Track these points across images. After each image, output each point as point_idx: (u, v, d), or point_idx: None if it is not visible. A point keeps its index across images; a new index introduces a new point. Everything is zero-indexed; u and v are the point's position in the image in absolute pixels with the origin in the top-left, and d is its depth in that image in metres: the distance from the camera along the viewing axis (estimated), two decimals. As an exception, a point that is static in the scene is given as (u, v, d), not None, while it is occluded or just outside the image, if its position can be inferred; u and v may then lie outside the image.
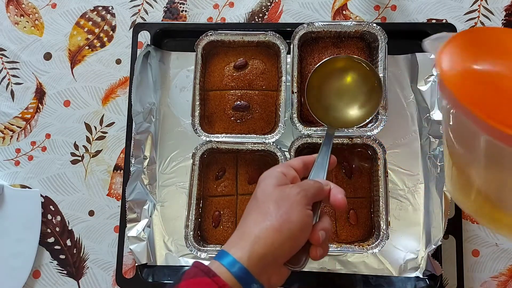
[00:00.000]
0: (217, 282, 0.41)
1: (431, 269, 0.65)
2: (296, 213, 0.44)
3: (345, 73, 0.64)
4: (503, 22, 0.76)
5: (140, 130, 0.72)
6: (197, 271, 0.42)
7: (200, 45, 0.71)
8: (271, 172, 0.49)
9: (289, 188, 0.47)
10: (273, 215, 0.44)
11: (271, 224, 0.43)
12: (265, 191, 0.47)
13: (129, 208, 0.69)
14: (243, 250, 0.43)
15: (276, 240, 0.43)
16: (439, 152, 0.68)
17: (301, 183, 0.49)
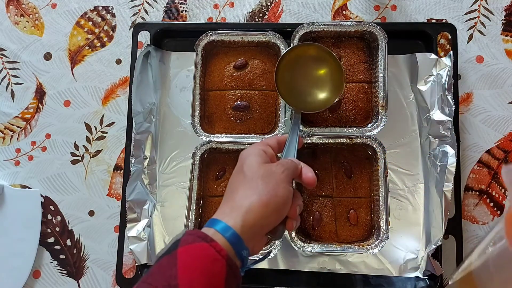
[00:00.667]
0: (214, 246, 0.43)
1: (431, 269, 0.65)
2: (281, 189, 0.49)
3: (310, 60, 0.66)
4: (503, 22, 0.76)
5: (140, 130, 0.72)
6: (194, 237, 0.44)
7: (200, 45, 0.71)
8: (253, 150, 0.53)
9: (275, 166, 0.51)
10: (262, 191, 0.48)
11: (260, 199, 0.47)
12: (252, 168, 0.50)
13: (129, 208, 0.69)
14: (235, 219, 0.46)
15: (264, 213, 0.47)
16: (439, 152, 0.68)
17: (284, 162, 0.53)
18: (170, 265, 0.42)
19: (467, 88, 0.75)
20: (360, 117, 0.70)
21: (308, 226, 0.69)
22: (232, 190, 0.50)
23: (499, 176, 0.73)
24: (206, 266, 0.42)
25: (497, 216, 0.71)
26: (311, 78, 0.66)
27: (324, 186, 0.70)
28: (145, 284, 0.41)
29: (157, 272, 0.42)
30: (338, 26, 0.70)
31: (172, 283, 0.40)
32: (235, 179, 0.52)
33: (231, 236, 0.45)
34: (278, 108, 0.69)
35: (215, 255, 0.43)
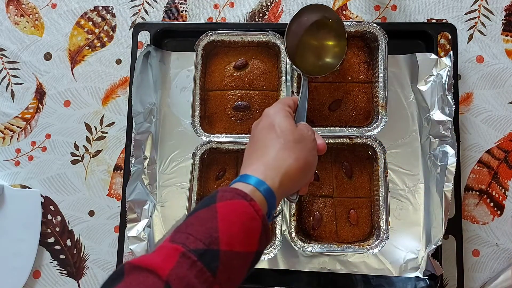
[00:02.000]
0: (253, 206, 0.44)
1: (431, 269, 0.65)
2: (313, 158, 0.52)
3: (319, 26, 0.66)
4: (503, 22, 0.76)
5: (140, 130, 0.72)
6: (233, 194, 0.44)
7: (200, 45, 0.71)
8: (281, 110, 0.54)
9: (306, 131, 0.53)
10: (299, 155, 0.50)
11: (298, 163, 0.49)
12: (285, 129, 0.51)
13: (129, 208, 0.69)
14: (273, 180, 0.47)
15: (299, 177, 0.50)
16: (439, 152, 0.68)
17: (310, 127, 0.55)
18: (210, 217, 0.42)
19: (467, 88, 0.75)
20: (361, 117, 0.70)
21: (308, 226, 0.69)
22: (264, 147, 0.51)
23: (499, 176, 0.72)
24: (245, 222, 0.43)
25: (497, 216, 0.71)
26: (318, 42, 0.66)
27: (325, 186, 0.70)
28: (185, 234, 0.41)
29: (196, 223, 0.42)
30: (338, 26, 0.70)
31: (214, 235, 0.41)
32: (266, 135, 0.52)
33: (269, 197, 0.46)
34: (278, 108, 0.69)
35: (253, 214, 0.43)
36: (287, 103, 0.57)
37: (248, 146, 0.55)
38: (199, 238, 0.41)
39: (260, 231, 0.44)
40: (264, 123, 0.53)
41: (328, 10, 0.66)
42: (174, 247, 0.40)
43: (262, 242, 0.44)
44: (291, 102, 0.58)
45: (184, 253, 0.39)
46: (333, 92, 0.71)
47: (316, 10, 0.65)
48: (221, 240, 0.41)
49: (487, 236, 0.71)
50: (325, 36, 0.66)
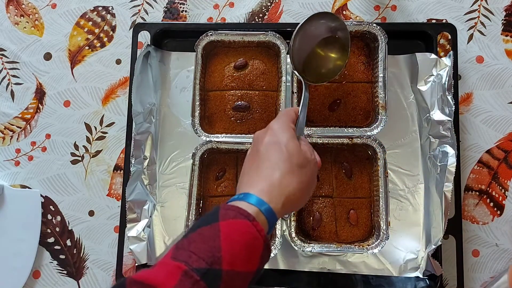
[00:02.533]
0: (255, 226, 0.44)
1: (431, 269, 0.65)
2: (314, 180, 0.54)
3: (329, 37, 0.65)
4: (503, 22, 0.76)
5: (140, 131, 0.72)
6: (236, 213, 0.45)
7: (200, 45, 0.71)
8: (288, 129, 0.54)
9: (309, 154, 0.54)
10: (304, 180, 0.51)
11: (301, 188, 0.50)
12: (292, 150, 0.51)
13: (129, 208, 0.69)
14: (276, 202, 0.48)
15: (299, 201, 0.52)
16: (439, 152, 0.68)
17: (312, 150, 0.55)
18: (213, 236, 0.42)
19: (467, 88, 0.75)
20: (360, 117, 0.70)
21: (308, 226, 0.69)
22: (270, 167, 0.50)
23: (499, 176, 0.73)
24: (247, 242, 0.43)
25: (497, 216, 0.71)
26: (324, 53, 0.65)
27: (324, 186, 0.70)
28: (187, 252, 0.41)
29: (199, 241, 0.42)
30: (338, 26, 0.70)
31: (216, 255, 0.41)
32: (272, 154, 0.51)
33: (271, 218, 0.47)
34: (278, 108, 0.69)
35: (255, 234, 0.44)
36: (291, 118, 0.56)
37: (250, 157, 0.54)
38: (201, 257, 0.41)
39: (262, 250, 0.44)
40: (270, 139, 0.53)
41: (337, 20, 0.64)
42: (177, 265, 0.40)
43: (263, 261, 0.45)
44: (293, 116, 0.57)
45: (187, 271, 0.39)
46: (333, 92, 0.71)
47: (327, 19, 0.64)
48: (224, 260, 0.41)
49: (487, 236, 0.71)
50: (332, 48, 0.65)
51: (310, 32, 0.63)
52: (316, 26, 0.63)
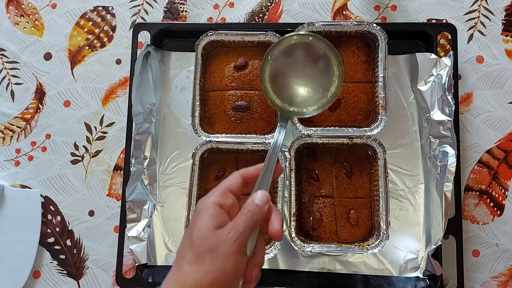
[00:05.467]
0: None
1: (431, 269, 0.65)
2: (231, 264, 0.45)
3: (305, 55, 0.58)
4: (503, 22, 0.76)
5: (140, 131, 0.72)
6: None
7: (200, 45, 0.71)
8: (207, 206, 0.47)
9: (226, 234, 0.46)
10: (208, 268, 0.45)
11: (206, 278, 0.44)
12: (201, 235, 0.46)
13: (129, 208, 0.69)
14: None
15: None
16: (439, 152, 0.68)
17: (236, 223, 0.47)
18: None
19: (467, 88, 0.75)
20: (360, 117, 0.70)
21: (308, 226, 0.69)
22: (181, 256, 0.47)
23: (499, 176, 0.73)
24: None
25: (497, 216, 0.71)
26: (304, 77, 0.59)
27: (324, 186, 0.70)
28: None
29: None
30: (338, 26, 0.70)
31: None
32: (184, 242, 0.48)
33: None
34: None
35: None
36: (229, 186, 0.49)
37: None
38: None
39: None
40: (190, 223, 0.49)
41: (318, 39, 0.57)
42: None
43: None
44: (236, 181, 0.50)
45: None
46: (333, 92, 0.71)
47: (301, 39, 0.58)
48: None
49: (487, 236, 0.71)
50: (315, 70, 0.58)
51: (285, 59, 0.58)
52: (294, 50, 0.58)
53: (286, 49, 0.58)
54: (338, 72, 0.58)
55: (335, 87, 0.58)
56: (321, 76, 0.59)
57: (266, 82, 0.58)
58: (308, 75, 0.59)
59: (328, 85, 0.59)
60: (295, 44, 0.58)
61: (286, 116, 0.58)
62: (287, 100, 0.59)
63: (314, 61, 0.58)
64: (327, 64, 0.58)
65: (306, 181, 0.70)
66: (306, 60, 0.58)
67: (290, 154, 0.67)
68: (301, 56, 0.58)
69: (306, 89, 0.59)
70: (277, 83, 0.59)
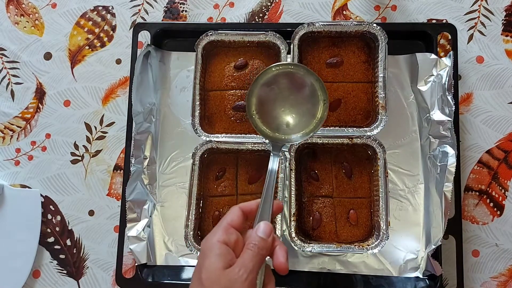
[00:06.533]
0: None
1: (431, 269, 0.65)
2: None
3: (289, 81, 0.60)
4: (503, 22, 0.76)
5: (140, 130, 0.72)
6: None
7: (200, 45, 0.71)
8: (212, 245, 0.47)
9: (235, 273, 0.45)
10: None
11: None
12: (211, 276, 0.45)
13: (129, 208, 0.69)
14: None
15: None
16: (439, 152, 0.68)
17: (244, 261, 0.46)
18: None
19: (467, 88, 0.75)
20: (360, 117, 0.70)
21: (308, 226, 0.69)
22: None
23: (499, 176, 0.73)
24: None
25: (497, 217, 0.71)
26: (290, 105, 0.60)
27: (324, 186, 0.70)
28: None
29: None
30: (338, 26, 0.70)
31: None
32: (194, 284, 0.47)
33: None
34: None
35: None
36: (230, 222, 0.49)
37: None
38: None
39: None
40: (197, 264, 0.48)
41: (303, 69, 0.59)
42: None
43: None
44: (237, 216, 0.50)
45: None
46: (333, 92, 0.71)
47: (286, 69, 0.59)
48: None
49: (487, 236, 0.71)
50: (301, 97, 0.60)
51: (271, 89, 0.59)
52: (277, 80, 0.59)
53: (269, 80, 0.59)
54: (323, 97, 0.60)
55: (321, 112, 0.60)
56: (307, 102, 0.60)
57: (254, 115, 0.60)
58: (294, 103, 0.60)
59: (314, 110, 0.60)
60: (277, 74, 0.59)
61: (278, 145, 0.59)
62: (275, 129, 0.60)
63: (298, 88, 0.60)
64: (312, 90, 0.60)
65: (306, 181, 0.70)
66: (291, 88, 0.60)
67: (290, 154, 0.67)
68: (285, 85, 0.60)
69: (294, 116, 0.60)
70: (264, 114, 0.60)
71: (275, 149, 0.58)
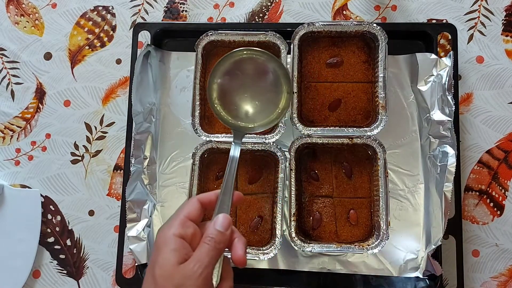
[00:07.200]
0: None
1: (431, 269, 0.65)
2: None
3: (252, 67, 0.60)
4: (503, 22, 0.76)
5: (140, 130, 0.72)
6: None
7: (200, 45, 0.71)
8: (168, 239, 0.45)
9: (190, 268, 0.44)
10: None
11: None
12: (164, 273, 0.44)
13: (129, 208, 0.69)
14: None
15: None
16: (439, 152, 0.68)
17: (200, 255, 0.45)
18: None
19: (468, 88, 0.75)
20: (360, 117, 0.70)
21: (308, 226, 0.69)
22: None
23: (499, 176, 0.73)
24: None
25: (497, 216, 0.71)
26: (253, 93, 0.60)
27: (324, 186, 0.70)
28: None
29: None
30: (338, 26, 0.70)
31: None
32: (147, 280, 0.45)
33: None
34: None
35: None
36: (188, 214, 0.47)
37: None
38: None
39: None
40: (151, 259, 0.46)
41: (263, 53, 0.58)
42: None
43: None
44: (194, 208, 0.48)
45: None
46: (333, 92, 0.71)
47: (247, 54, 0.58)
48: None
49: (487, 236, 0.71)
50: (263, 83, 0.60)
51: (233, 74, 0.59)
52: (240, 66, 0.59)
53: (232, 66, 0.59)
54: (286, 87, 0.59)
55: (284, 102, 0.60)
56: (270, 92, 0.60)
57: (216, 103, 0.60)
58: (258, 91, 0.60)
59: (278, 100, 0.60)
60: (241, 59, 0.59)
61: (239, 133, 0.59)
62: (237, 117, 0.60)
63: (262, 76, 0.60)
64: (275, 79, 0.59)
65: (306, 181, 0.70)
66: (255, 76, 0.60)
67: (290, 154, 0.67)
68: (248, 72, 0.59)
69: (257, 105, 0.60)
70: (226, 102, 0.60)
71: (237, 137, 0.57)
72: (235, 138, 0.57)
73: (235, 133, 0.58)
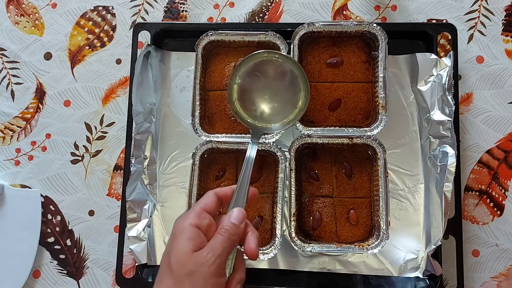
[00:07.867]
0: None
1: (431, 269, 0.65)
2: (210, 286, 0.45)
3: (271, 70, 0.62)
4: (503, 22, 0.76)
5: (140, 130, 0.72)
6: None
7: (201, 45, 0.71)
8: (184, 228, 0.48)
9: (203, 256, 0.46)
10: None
11: None
12: (179, 259, 0.46)
13: (129, 208, 0.69)
14: None
15: None
16: (439, 152, 0.68)
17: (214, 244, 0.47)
18: None
19: (468, 88, 0.75)
20: (360, 117, 0.70)
21: (308, 226, 0.69)
22: (159, 281, 0.47)
23: (499, 176, 0.73)
24: None
25: (497, 216, 0.71)
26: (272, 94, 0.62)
27: (324, 186, 0.70)
28: None
29: None
30: (338, 26, 0.70)
31: None
32: (162, 267, 0.47)
33: None
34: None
35: None
36: (204, 206, 0.50)
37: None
38: None
39: None
40: (167, 246, 0.48)
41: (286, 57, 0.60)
42: None
43: None
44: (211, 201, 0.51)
45: None
46: (333, 92, 0.71)
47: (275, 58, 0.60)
48: None
49: (487, 236, 0.71)
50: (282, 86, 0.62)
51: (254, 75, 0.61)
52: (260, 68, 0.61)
53: (252, 67, 0.62)
54: (304, 87, 0.62)
55: (302, 102, 0.62)
56: (289, 92, 0.62)
57: (235, 101, 0.62)
58: (277, 92, 0.63)
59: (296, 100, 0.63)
60: (261, 62, 0.62)
61: (258, 133, 0.61)
62: (256, 116, 0.62)
63: (281, 77, 0.62)
64: (294, 80, 0.62)
65: (306, 181, 0.70)
66: (274, 77, 0.62)
67: (290, 154, 0.67)
68: (268, 73, 0.62)
69: (276, 105, 0.63)
70: (246, 101, 0.62)
71: (255, 136, 0.60)
72: (253, 138, 0.60)
73: (253, 133, 0.61)
